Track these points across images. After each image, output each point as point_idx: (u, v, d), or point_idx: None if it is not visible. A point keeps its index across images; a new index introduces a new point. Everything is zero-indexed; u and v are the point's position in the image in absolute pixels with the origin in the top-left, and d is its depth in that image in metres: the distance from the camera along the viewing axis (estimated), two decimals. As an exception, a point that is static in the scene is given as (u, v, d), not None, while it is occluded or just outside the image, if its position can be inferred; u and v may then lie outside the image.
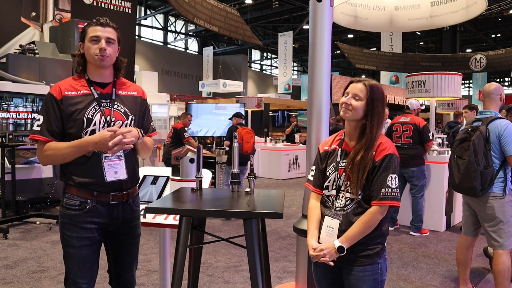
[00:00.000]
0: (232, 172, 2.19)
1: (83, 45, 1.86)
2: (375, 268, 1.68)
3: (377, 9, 7.55)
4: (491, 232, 2.91)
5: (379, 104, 1.70)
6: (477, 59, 16.22)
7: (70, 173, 1.85)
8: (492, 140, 2.87)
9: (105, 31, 1.84)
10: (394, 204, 1.64)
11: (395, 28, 8.00)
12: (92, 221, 1.85)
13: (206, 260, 3.93)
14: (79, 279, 1.85)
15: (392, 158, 1.65)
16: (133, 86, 2.03)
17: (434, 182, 5.22)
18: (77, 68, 1.90)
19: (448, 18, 7.47)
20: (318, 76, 2.74)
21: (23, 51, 6.58)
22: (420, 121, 5.01)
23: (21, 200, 5.23)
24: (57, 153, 1.79)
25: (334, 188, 1.73)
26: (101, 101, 1.86)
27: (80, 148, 1.77)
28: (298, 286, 2.91)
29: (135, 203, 2.01)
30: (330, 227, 1.70)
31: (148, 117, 2.05)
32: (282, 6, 19.53)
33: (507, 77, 32.19)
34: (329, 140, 1.87)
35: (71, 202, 1.84)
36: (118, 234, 1.97)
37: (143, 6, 22.53)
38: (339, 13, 7.32)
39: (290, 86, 18.96)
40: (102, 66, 1.86)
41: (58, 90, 1.83)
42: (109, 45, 1.84)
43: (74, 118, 1.80)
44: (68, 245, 1.86)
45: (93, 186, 1.84)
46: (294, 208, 6.46)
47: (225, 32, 11.15)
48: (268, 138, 11.00)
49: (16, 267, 3.72)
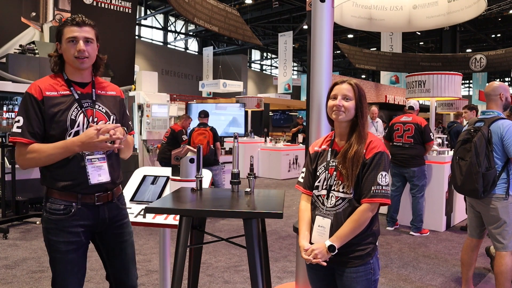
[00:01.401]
0: (232, 172, 2.19)
1: (60, 45, 1.80)
2: (367, 269, 1.68)
3: (394, 9, 7.54)
4: (495, 233, 2.89)
5: (364, 101, 1.75)
6: (477, 59, 16.22)
7: (52, 177, 1.79)
8: (494, 141, 2.83)
9: (82, 31, 1.77)
10: (385, 202, 1.64)
11: (413, 27, 7.95)
12: (78, 224, 1.81)
13: (206, 260, 3.93)
14: (67, 283, 1.82)
15: (382, 156, 1.67)
16: (110, 86, 2.00)
17: (434, 182, 5.21)
18: (54, 68, 1.84)
19: (463, 14, 7.46)
20: (318, 76, 2.74)
21: (23, 51, 6.58)
22: (421, 120, 5.01)
23: (21, 200, 5.23)
24: (41, 156, 1.72)
25: (325, 188, 1.74)
26: (82, 101, 1.82)
27: (66, 149, 1.72)
28: (298, 286, 2.91)
29: (120, 201, 1.98)
30: (321, 227, 1.70)
31: (126, 116, 2.03)
32: (282, 6, 19.53)
33: (507, 77, 32.20)
34: (319, 141, 1.89)
35: (55, 206, 1.79)
36: (108, 235, 1.94)
37: (143, 6, 22.53)
38: (350, 16, 7.32)
39: (290, 86, 18.96)
40: (83, 68, 1.81)
41: (38, 90, 1.75)
42: (88, 45, 1.78)
43: (57, 119, 1.75)
44: (54, 250, 1.80)
45: (76, 189, 1.79)
46: (294, 208, 6.45)
47: (225, 32, 11.15)
48: (268, 138, 11.00)
49: (16, 267, 3.72)
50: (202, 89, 20.28)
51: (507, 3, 15.68)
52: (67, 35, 1.76)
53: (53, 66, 1.84)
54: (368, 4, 7.38)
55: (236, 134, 2.23)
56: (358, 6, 7.23)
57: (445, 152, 5.40)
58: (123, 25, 8.82)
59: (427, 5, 7.52)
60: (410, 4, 7.57)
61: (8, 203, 5.25)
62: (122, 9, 8.06)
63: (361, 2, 7.39)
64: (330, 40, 2.76)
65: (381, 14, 7.58)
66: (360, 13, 7.43)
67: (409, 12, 7.61)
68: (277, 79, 20.76)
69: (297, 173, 10.04)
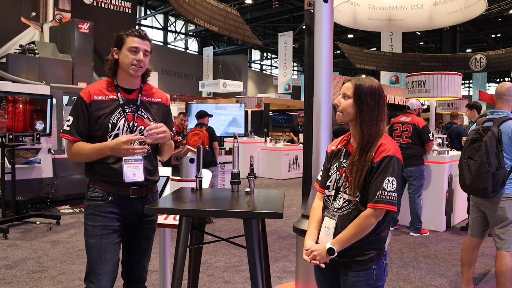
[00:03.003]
0: (232, 172, 2.19)
1: (119, 52, 1.96)
2: (369, 274, 1.63)
3: (415, 8, 7.54)
4: (500, 233, 2.88)
5: (369, 99, 1.63)
6: (477, 59, 16.21)
7: (93, 171, 1.98)
8: (504, 141, 2.83)
9: (143, 44, 1.96)
10: (389, 209, 1.58)
11: (434, 25, 7.94)
12: (113, 211, 1.96)
13: (206, 260, 3.93)
14: (99, 270, 1.93)
15: (391, 160, 1.59)
16: (158, 93, 2.14)
17: (434, 182, 5.21)
18: (108, 73, 2.01)
19: (477, 8, 7.45)
20: (320, 76, 2.74)
21: (23, 51, 6.58)
22: (420, 121, 5.00)
23: (21, 200, 5.22)
24: (81, 153, 1.93)
25: (334, 189, 1.70)
26: (126, 106, 1.98)
27: (99, 151, 1.90)
28: (298, 286, 2.91)
29: (154, 198, 2.12)
30: (327, 228, 1.68)
31: (170, 122, 2.16)
32: (282, 6, 19.53)
33: (507, 77, 32.18)
34: (337, 140, 1.84)
35: (94, 194, 1.96)
36: (135, 227, 2.07)
37: (143, 6, 22.54)
38: (366, 19, 7.33)
39: (290, 86, 18.96)
40: (136, 76, 1.99)
41: (88, 94, 1.95)
42: (145, 57, 1.97)
43: (100, 122, 1.93)
44: (90, 235, 1.95)
45: (113, 182, 1.96)
46: (294, 208, 6.45)
47: (225, 32, 11.15)
48: (268, 138, 11.00)
49: (16, 267, 3.72)
50: (202, 89, 20.29)
51: (507, 3, 15.67)
52: (131, 44, 1.94)
53: (107, 70, 2.00)
54: (387, 5, 7.39)
55: (236, 134, 2.23)
56: (376, 8, 7.25)
57: (445, 152, 5.40)
58: (123, 25, 8.82)
59: (447, 1, 7.50)
60: (430, 1, 7.54)
61: (8, 203, 5.24)
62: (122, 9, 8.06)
63: (378, 4, 7.41)
64: (331, 40, 2.78)
65: (402, 14, 7.58)
66: (378, 15, 7.44)
67: (430, 9, 7.59)
68: (277, 79, 20.76)
69: (297, 173, 10.05)
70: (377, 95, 1.65)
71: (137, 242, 2.10)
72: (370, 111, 1.64)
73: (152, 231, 2.13)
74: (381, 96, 1.67)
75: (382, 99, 1.67)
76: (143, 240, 2.11)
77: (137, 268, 2.13)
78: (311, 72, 2.78)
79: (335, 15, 7.72)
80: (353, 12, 7.29)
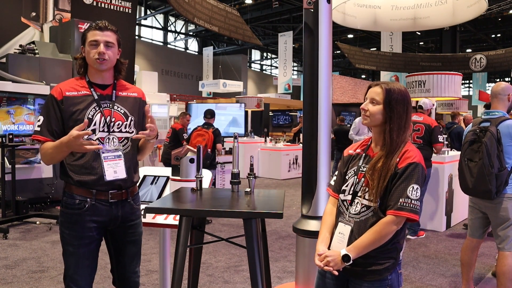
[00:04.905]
0: (232, 172, 2.19)
1: (84, 48, 1.91)
2: (383, 284, 1.57)
3: (439, 4, 7.50)
4: (502, 234, 2.87)
5: (399, 106, 1.59)
6: (477, 59, 16.21)
7: (69, 172, 1.88)
8: (504, 141, 2.81)
9: (103, 35, 1.87)
10: (412, 217, 1.50)
11: (456, 20, 7.92)
12: (91, 219, 1.87)
13: (206, 260, 3.93)
14: (77, 277, 1.89)
15: (417, 167, 1.54)
16: (133, 88, 2.07)
17: (434, 182, 5.21)
18: (79, 70, 1.95)
19: None
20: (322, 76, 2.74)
21: (23, 51, 6.58)
22: (432, 121, 4.86)
23: (21, 200, 5.23)
24: (46, 154, 1.84)
25: (351, 193, 1.64)
26: (101, 102, 1.90)
27: (58, 149, 1.79)
28: (298, 286, 2.91)
29: (135, 201, 2.02)
30: (341, 234, 1.61)
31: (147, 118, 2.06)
32: (282, 6, 19.52)
33: (507, 77, 32.17)
34: (355, 144, 1.79)
35: (71, 201, 1.88)
36: (119, 233, 1.98)
37: (143, 6, 22.53)
38: (388, 20, 7.33)
39: (290, 86, 18.95)
40: (102, 70, 1.90)
41: (58, 91, 1.87)
42: (108, 49, 1.88)
43: (74, 118, 1.84)
44: (67, 243, 1.90)
45: (92, 185, 1.86)
46: (294, 208, 6.45)
47: (225, 32, 11.16)
48: (268, 138, 11.00)
49: (16, 267, 3.72)
50: (202, 89, 20.28)
51: (507, 3, 15.68)
52: (90, 38, 1.87)
53: (78, 68, 1.94)
54: (411, 4, 7.37)
55: (236, 134, 2.23)
56: (399, 8, 7.24)
57: (445, 152, 5.39)
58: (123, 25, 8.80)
59: None
60: None
61: (8, 203, 5.24)
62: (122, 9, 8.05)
63: (402, 4, 7.40)
64: (331, 40, 2.79)
65: (427, 12, 7.56)
66: (401, 15, 7.43)
67: (453, 4, 7.56)
68: (277, 79, 20.75)
69: (297, 173, 10.05)
70: (406, 102, 1.62)
71: (124, 249, 2.01)
72: (399, 118, 1.60)
73: (138, 235, 2.04)
74: (410, 102, 1.64)
75: (410, 105, 1.64)
76: (130, 246, 2.01)
77: (129, 275, 2.05)
78: (311, 72, 2.77)
79: (349, 20, 7.72)
80: (373, 15, 7.29)
